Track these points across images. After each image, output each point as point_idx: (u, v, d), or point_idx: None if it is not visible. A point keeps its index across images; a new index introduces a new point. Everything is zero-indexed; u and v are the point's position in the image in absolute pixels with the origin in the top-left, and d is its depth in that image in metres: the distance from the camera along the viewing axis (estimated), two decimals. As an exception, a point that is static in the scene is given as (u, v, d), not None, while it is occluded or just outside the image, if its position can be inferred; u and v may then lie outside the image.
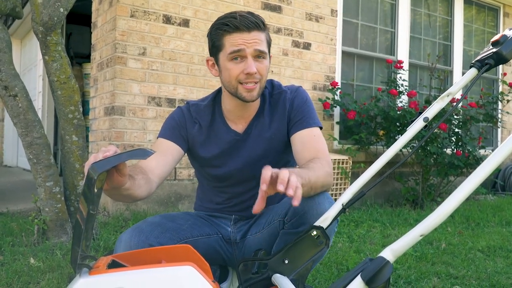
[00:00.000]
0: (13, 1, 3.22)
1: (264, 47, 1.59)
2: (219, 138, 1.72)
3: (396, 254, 1.03)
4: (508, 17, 7.07)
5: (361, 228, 3.85)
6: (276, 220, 1.61)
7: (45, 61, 3.08)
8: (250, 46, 1.55)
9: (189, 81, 4.24)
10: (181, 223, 1.64)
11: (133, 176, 1.36)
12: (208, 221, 1.75)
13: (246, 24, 1.54)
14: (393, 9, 5.84)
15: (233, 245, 1.75)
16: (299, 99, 1.72)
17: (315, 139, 1.66)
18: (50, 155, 3.08)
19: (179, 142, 1.70)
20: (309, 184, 1.41)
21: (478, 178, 1.03)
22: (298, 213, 1.52)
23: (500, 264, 2.94)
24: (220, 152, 1.72)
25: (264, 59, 1.60)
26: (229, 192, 1.78)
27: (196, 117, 1.74)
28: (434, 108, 1.47)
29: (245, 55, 1.56)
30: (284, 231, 1.58)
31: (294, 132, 1.68)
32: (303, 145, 1.64)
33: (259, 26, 1.57)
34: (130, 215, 3.83)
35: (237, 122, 1.73)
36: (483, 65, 1.46)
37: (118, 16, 3.91)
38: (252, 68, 1.55)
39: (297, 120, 1.68)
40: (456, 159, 4.87)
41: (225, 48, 1.58)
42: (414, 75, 6.04)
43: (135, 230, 1.51)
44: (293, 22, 4.86)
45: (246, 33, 1.55)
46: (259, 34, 1.57)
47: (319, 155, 1.60)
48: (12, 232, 3.25)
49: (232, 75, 1.59)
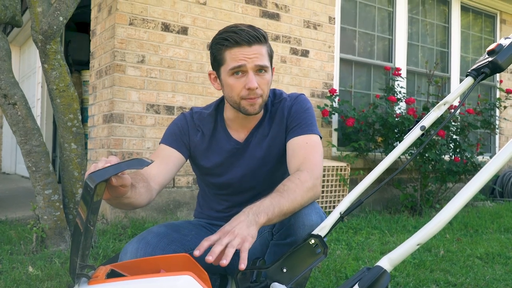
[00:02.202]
0: (13, 9, 3.23)
1: (265, 61, 1.57)
2: (220, 147, 1.72)
3: (394, 263, 1.03)
4: (505, 24, 7.11)
5: (359, 235, 3.85)
6: (266, 230, 1.61)
7: (44, 69, 3.09)
8: (251, 61, 1.54)
9: (188, 89, 4.25)
10: (185, 234, 1.64)
11: (134, 184, 1.35)
12: (209, 230, 1.75)
13: (246, 39, 1.53)
14: (390, 16, 5.87)
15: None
16: (298, 106, 1.70)
17: (306, 146, 1.61)
18: (49, 163, 3.08)
19: (181, 149, 1.69)
20: (280, 214, 1.37)
21: (474, 187, 1.04)
22: (284, 225, 1.50)
23: (499, 271, 2.94)
24: (221, 161, 1.72)
25: (266, 72, 1.58)
26: (229, 201, 1.79)
27: (199, 124, 1.73)
28: (431, 116, 1.48)
29: (246, 70, 1.55)
30: (273, 242, 1.58)
31: (289, 138, 1.66)
32: (293, 152, 1.61)
33: (260, 39, 1.55)
34: (128, 223, 3.82)
35: (239, 131, 1.73)
36: (479, 74, 1.47)
37: (117, 24, 3.93)
38: (253, 83, 1.54)
39: (293, 127, 1.67)
40: (454, 165, 4.88)
41: (226, 63, 1.57)
42: (411, 82, 6.06)
43: (141, 241, 1.49)
44: (291, 29, 4.88)
45: (247, 47, 1.53)
46: (260, 48, 1.56)
47: (303, 166, 1.53)
48: (10, 240, 3.25)
49: (234, 90, 1.58)
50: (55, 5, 3.00)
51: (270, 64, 1.62)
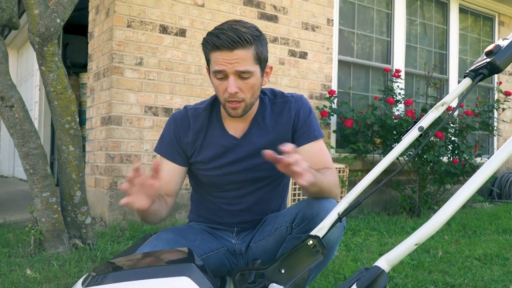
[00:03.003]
0: (10, 12, 3.23)
1: (248, 66, 1.53)
2: (215, 141, 1.72)
3: (391, 263, 1.03)
4: (503, 26, 7.12)
5: (358, 236, 3.85)
6: (283, 226, 1.63)
7: (42, 71, 3.09)
8: (232, 67, 1.51)
9: (186, 91, 4.25)
10: (192, 239, 1.66)
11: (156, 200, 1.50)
12: (213, 235, 1.76)
13: (227, 44, 1.49)
14: (389, 18, 5.88)
15: (238, 256, 1.76)
16: (305, 109, 1.73)
17: (322, 153, 1.70)
18: (46, 165, 3.08)
19: (179, 161, 1.73)
20: (320, 185, 1.49)
21: (471, 188, 1.04)
22: (307, 218, 1.54)
23: (497, 272, 2.94)
24: (216, 156, 1.71)
25: (250, 77, 1.55)
26: (225, 197, 1.77)
27: (194, 121, 1.73)
28: (429, 117, 1.48)
29: (227, 74, 1.54)
30: (292, 236, 1.59)
31: (302, 144, 1.69)
32: (313, 158, 1.64)
33: (242, 43, 1.50)
34: (127, 225, 3.82)
35: (236, 126, 1.72)
36: (477, 75, 1.47)
37: (115, 26, 3.93)
38: (231, 88, 1.53)
39: (304, 132, 1.70)
40: (452, 167, 4.89)
41: (211, 64, 1.58)
42: (410, 84, 6.07)
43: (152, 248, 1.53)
44: (289, 31, 4.88)
45: (228, 52, 1.50)
46: (243, 52, 1.51)
47: (328, 166, 1.66)
48: (8, 243, 3.24)
49: (219, 92, 1.60)
50: (52, 7, 3.00)
51: (261, 65, 1.58)
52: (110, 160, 3.93)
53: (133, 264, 1.24)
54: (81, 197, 3.19)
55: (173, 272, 1.10)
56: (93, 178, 4.27)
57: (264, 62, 1.61)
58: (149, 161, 4.05)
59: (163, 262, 1.26)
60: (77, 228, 3.20)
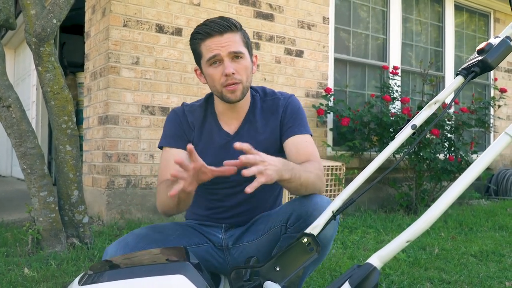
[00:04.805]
0: (6, 12, 3.23)
1: (240, 48, 1.63)
2: (210, 138, 1.76)
3: (383, 260, 1.05)
4: (499, 23, 7.13)
5: (355, 234, 3.87)
6: (277, 226, 1.64)
7: (39, 71, 3.09)
8: (225, 49, 1.61)
9: (183, 90, 4.26)
10: (168, 234, 1.67)
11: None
12: (197, 230, 1.76)
13: (217, 29, 1.60)
14: (384, 16, 5.89)
15: (225, 251, 1.76)
16: (293, 105, 1.78)
17: (307, 145, 1.72)
18: (44, 165, 3.09)
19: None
20: (299, 180, 1.49)
21: (463, 184, 1.06)
22: (301, 217, 1.56)
23: (493, 269, 2.96)
24: (211, 152, 1.74)
25: (242, 58, 1.65)
26: (219, 194, 1.79)
27: (191, 117, 1.78)
28: (422, 115, 1.50)
29: (222, 58, 1.61)
30: (286, 235, 1.60)
31: (288, 137, 1.73)
32: (297, 150, 1.69)
33: (231, 28, 1.62)
34: (124, 224, 3.83)
35: (229, 123, 1.77)
36: (469, 73, 1.48)
37: (111, 25, 3.93)
38: (229, 69, 1.60)
39: (291, 126, 1.74)
40: (449, 164, 4.90)
41: (204, 55, 1.64)
42: (406, 81, 6.08)
43: (120, 243, 1.55)
44: (285, 30, 4.89)
45: (219, 37, 1.61)
46: (232, 36, 1.62)
47: (312, 159, 1.67)
48: (6, 242, 3.25)
49: (215, 80, 1.65)
50: (49, 8, 3.01)
51: (249, 51, 1.69)
52: (107, 159, 3.94)
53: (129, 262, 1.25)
54: (78, 196, 3.20)
55: (168, 270, 1.11)
56: (91, 177, 4.27)
57: (251, 49, 1.72)
58: (146, 160, 4.06)
59: (158, 260, 1.27)
60: (74, 227, 3.21)
